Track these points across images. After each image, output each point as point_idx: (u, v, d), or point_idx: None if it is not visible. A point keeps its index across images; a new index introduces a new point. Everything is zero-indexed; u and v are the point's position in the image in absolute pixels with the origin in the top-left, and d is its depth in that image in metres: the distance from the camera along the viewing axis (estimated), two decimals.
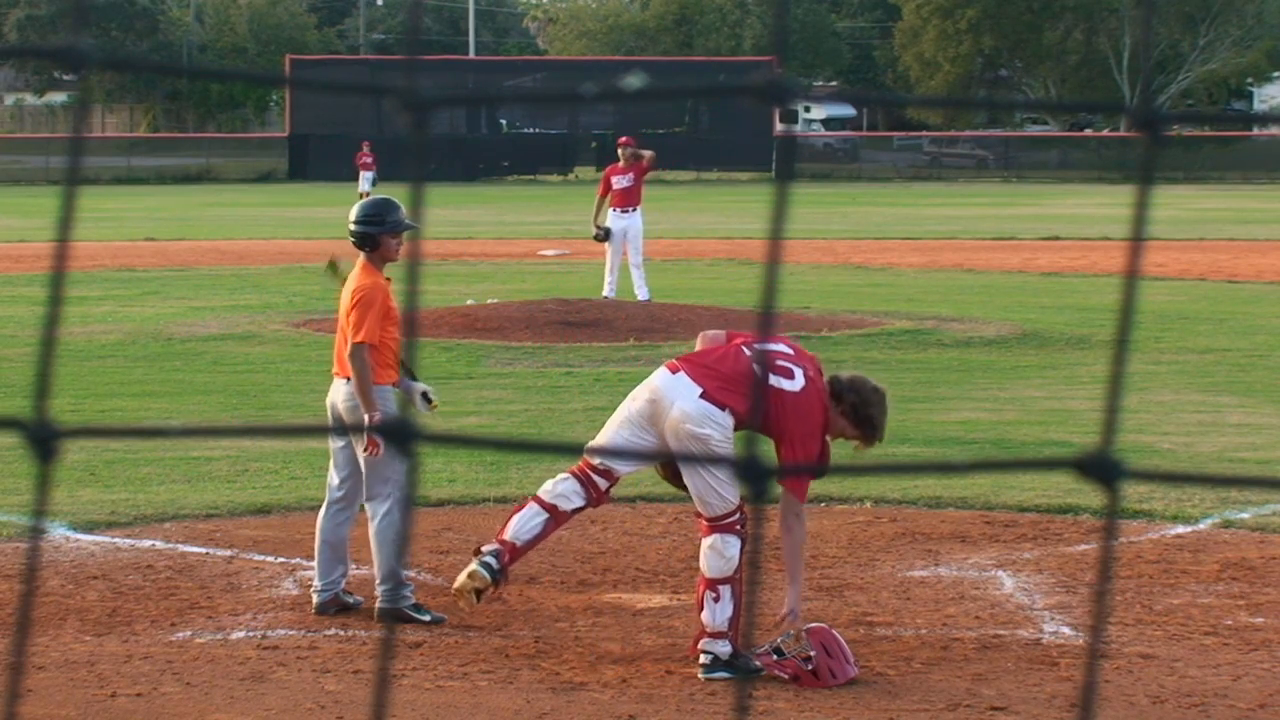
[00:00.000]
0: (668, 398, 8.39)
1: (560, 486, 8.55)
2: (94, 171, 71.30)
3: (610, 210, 23.62)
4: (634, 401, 8.55)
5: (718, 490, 8.33)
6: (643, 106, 75.26)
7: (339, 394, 9.44)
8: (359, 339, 9.21)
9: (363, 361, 9.19)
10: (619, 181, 23.59)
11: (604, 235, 23.64)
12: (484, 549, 8.48)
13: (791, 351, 8.57)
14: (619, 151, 24.25)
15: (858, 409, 8.45)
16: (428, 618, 9.24)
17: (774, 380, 8.38)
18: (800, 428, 8.30)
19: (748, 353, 8.43)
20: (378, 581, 9.34)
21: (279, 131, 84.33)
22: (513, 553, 8.47)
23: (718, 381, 8.35)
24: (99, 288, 26.89)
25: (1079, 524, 11.54)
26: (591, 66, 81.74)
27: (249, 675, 8.45)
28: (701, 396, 8.33)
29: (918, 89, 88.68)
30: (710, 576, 8.36)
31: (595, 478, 8.55)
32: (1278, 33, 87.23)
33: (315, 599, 9.49)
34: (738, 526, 8.38)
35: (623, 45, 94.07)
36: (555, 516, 8.53)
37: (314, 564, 9.61)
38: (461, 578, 8.47)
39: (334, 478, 9.56)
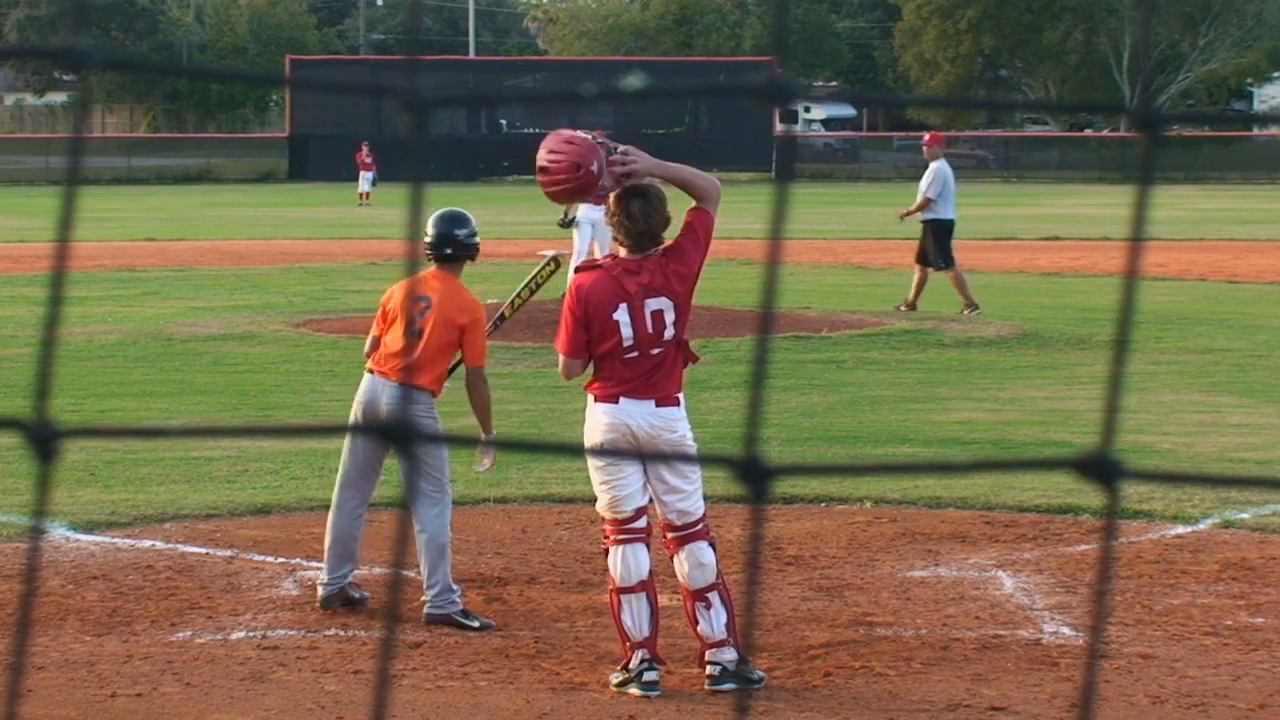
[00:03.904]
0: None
1: (628, 561, 8.25)
2: (94, 171, 71.31)
3: (586, 203, 23.64)
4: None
5: (696, 493, 8.28)
6: (643, 106, 75.26)
7: (384, 395, 9.38)
8: (483, 365, 9.50)
9: (486, 384, 9.44)
10: None
11: (568, 222, 23.70)
12: (644, 677, 8.13)
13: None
14: None
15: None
16: (476, 624, 9.11)
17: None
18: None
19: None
20: (426, 586, 9.22)
21: (279, 131, 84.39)
22: (653, 645, 8.24)
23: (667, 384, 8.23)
24: (99, 288, 26.90)
25: (1079, 524, 11.53)
26: (591, 66, 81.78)
27: (249, 675, 8.44)
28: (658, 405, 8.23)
29: (918, 89, 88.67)
30: (694, 589, 8.22)
31: (631, 527, 8.29)
32: (1278, 33, 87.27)
33: (320, 592, 9.47)
34: (706, 532, 8.29)
35: (623, 45, 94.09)
36: (647, 587, 8.29)
37: (322, 561, 9.60)
38: (634, 692, 8.16)
39: (352, 475, 9.51)
